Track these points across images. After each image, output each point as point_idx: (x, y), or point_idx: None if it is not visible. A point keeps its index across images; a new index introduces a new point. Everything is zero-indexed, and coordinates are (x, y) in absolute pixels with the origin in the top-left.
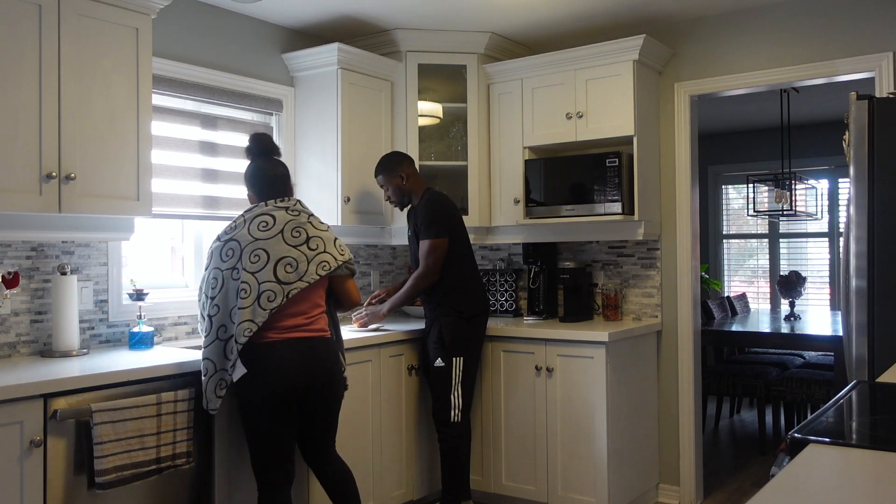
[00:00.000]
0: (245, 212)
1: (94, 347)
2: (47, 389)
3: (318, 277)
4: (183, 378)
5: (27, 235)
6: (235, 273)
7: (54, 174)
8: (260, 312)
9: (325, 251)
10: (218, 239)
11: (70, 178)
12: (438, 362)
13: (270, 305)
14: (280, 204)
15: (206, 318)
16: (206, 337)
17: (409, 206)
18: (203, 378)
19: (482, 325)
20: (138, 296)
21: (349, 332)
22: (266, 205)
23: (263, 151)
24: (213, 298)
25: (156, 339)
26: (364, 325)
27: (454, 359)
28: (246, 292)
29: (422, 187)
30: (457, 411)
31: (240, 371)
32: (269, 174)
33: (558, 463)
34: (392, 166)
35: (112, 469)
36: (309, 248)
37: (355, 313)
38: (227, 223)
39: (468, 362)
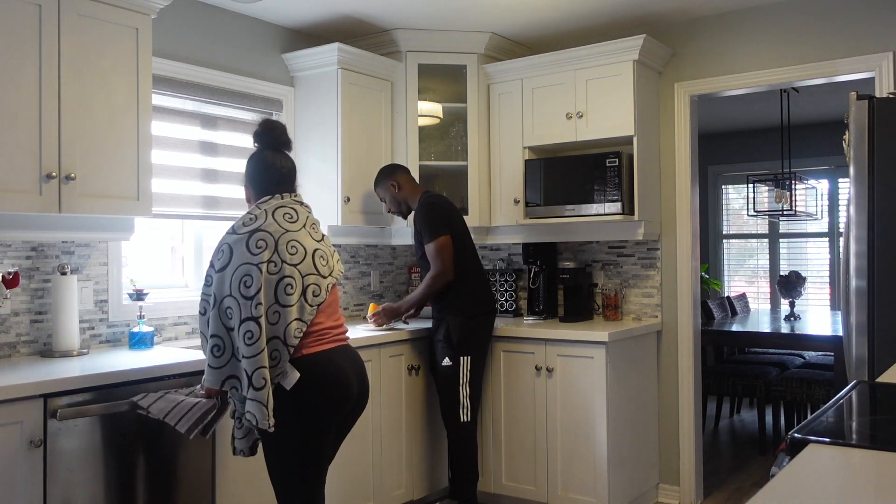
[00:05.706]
0: (260, 203)
1: (94, 347)
2: (47, 389)
3: (341, 274)
4: (183, 379)
5: (27, 235)
6: (273, 266)
7: (54, 174)
8: (308, 309)
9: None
10: (234, 231)
11: (70, 178)
12: (446, 361)
13: (317, 301)
14: (295, 198)
15: (251, 321)
16: (251, 345)
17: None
18: (253, 392)
19: (489, 325)
20: (138, 296)
21: (357, 332)
22: (282, 197)
23: (275, 144)
24: (251, 298)
25: (156, 339)
26: (380, 324)
27: (461, 358)
28: (291, 287)
29: (418, 192)
30: (466, 411)
31: (293, 376)
32: (279, 168)
33: (558, 463)
34: (384, 176)
35: (191, 427)
36: (326, 246)
37: (371, 313)
38: (226, 223)
39: (475, 362)
